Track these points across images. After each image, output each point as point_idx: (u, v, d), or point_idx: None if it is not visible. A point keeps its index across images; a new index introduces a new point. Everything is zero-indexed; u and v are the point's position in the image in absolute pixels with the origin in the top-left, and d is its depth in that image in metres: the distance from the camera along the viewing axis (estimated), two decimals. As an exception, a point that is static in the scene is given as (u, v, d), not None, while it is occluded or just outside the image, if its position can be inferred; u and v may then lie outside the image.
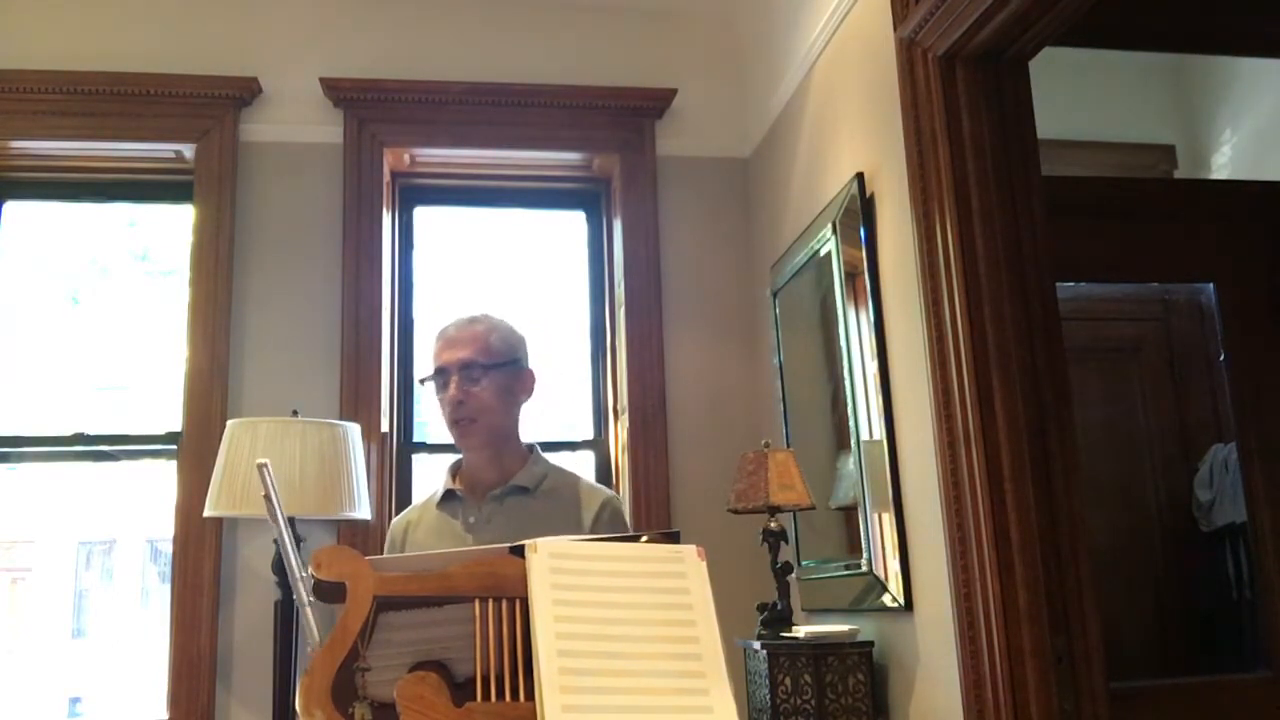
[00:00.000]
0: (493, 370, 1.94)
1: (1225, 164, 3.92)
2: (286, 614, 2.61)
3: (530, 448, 2.07)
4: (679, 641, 1.48)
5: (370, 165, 3.33)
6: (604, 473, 3.47)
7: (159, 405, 3.23)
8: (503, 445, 2.00)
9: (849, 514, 2.62)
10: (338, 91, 3.33)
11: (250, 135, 3.29)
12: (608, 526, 1.95)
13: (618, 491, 3.42)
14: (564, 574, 1.51)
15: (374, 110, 3.36)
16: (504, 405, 1.97)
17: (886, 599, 2.39)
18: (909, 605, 2.30)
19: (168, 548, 3.05)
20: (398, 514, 3.36)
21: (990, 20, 2.05)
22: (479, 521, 1.96)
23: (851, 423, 2.56)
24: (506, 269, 3.63)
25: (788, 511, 2.56)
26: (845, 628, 2.44)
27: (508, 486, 1.98)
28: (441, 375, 1.95)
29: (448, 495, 2.03)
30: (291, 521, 2.68)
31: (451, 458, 2.13)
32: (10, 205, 3.33)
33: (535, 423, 3.51)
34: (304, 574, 1.24)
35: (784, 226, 3.18)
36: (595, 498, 2.01)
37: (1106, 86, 3.87)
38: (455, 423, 1.94)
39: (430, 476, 3.41)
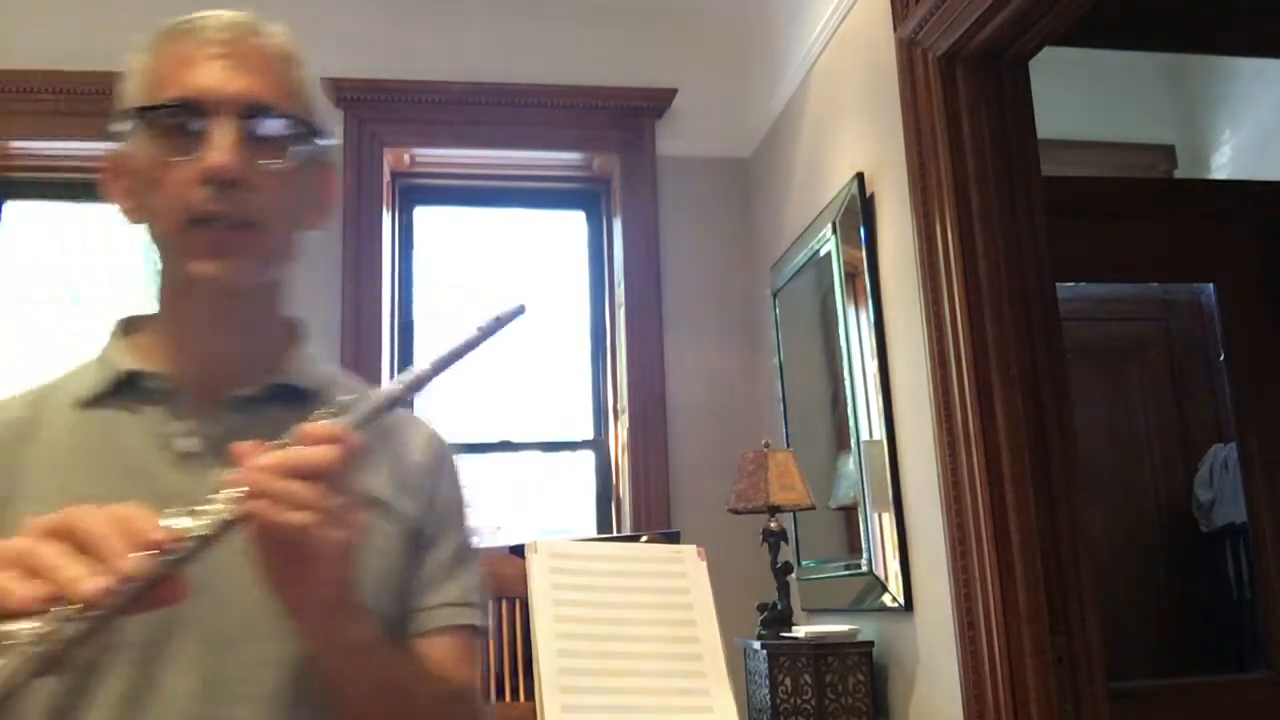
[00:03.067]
0: (306, 141, 0.94)
1: (1225, 164, 3.92)
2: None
3: (293, 321, 1.05)
4: (679, 641, 1.48)
5: (370, 165, 3.33)
6: (604, 473, 3.47)
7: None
8: (270, 298, 1.00)
9: (849, 514, 2.63)
10: (338, 91, 3.33)
11: (250, 135, 3.28)
12: (450, 484, 1.03)
13: (618, 495, 3.42)
14: (564, 574, 1.51)
15: (374, 110, 3.36)
16: (300, 219, 0.98)
17: (886, 599, 2.39)
18: (909, 605, 2.30)
19: (168, 548, 3.05)
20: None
21: (990, 20, 2.05)
22: (208, 449, 0.91)
23: (851, 423, 2.56)
24: (506, 269, 3.63)
25: (788, 511, 2.57)
26: (845, 628, 2.44)
27: (268, 386, 0.96)
28: (195, 113, 0.89)
29: (129, 383, 0.94)
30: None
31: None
32: (10, 205, 3.33)
33: (533, 422, 3.51)
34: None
35: (784, 226, 3.18)
36: (420, 431, 1.04)
37: (1106, 86, 3.87)
38: (210, 221, 0.88)
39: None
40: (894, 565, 2.35)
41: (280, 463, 0.75)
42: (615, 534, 3.28)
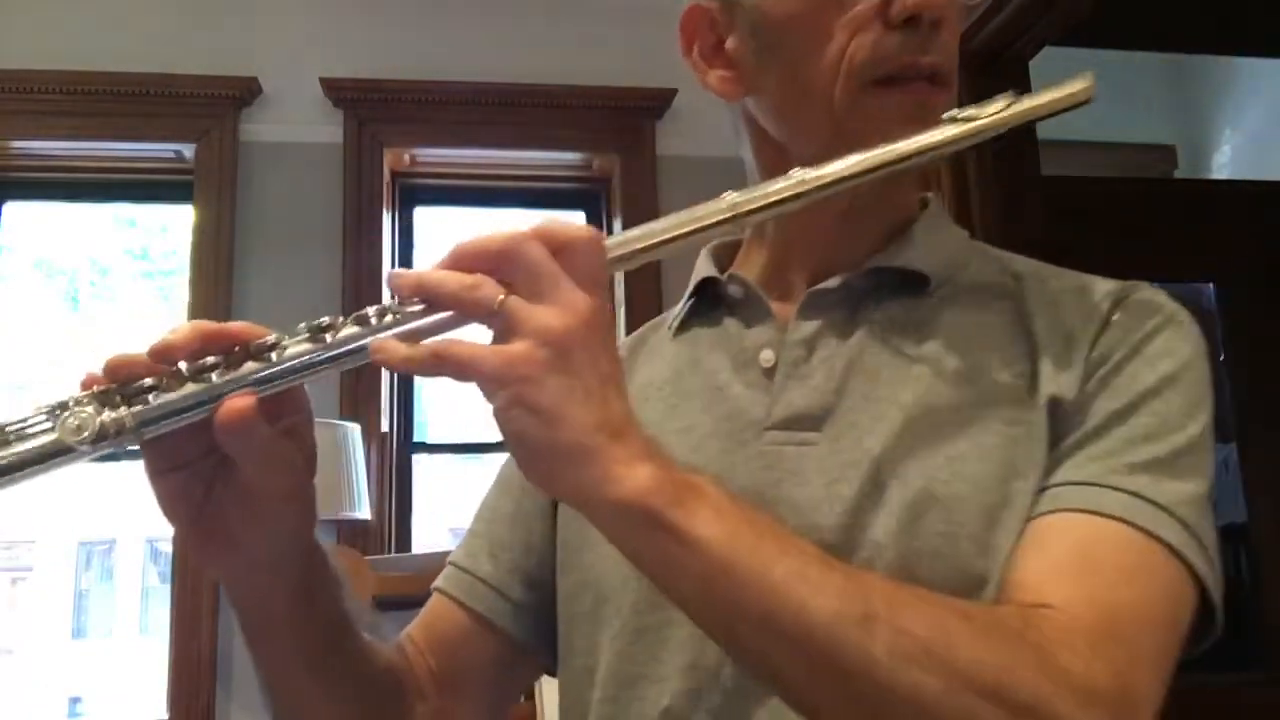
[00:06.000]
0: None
1: (1225, 164, 3.93)
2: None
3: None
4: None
5: (370, 165, 3.33)
6: (604, 473, 3.47)
7: (159, 405, 3.22)
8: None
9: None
10: (338, 91, 3.33)
11: (250, 135, 3.29)
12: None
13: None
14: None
15: (374, 110, 3.36)
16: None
17: (886, 599, 2.39)
18: (909, 605, 2.30)
19: (168, 548, 3.05)
20: (397, 512, 3.20)
21: (990, 20, 2.06)
22: (787, 359, 0.74)
23: (851, 423, 2.56)
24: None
25: (788, 511, 2.56)
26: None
27: (866, 271, 0.76)
28: None
29: (710, 295, 0.85)
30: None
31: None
32: (10, 205, 3.33)
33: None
34: None
35: (784, 226, 3.18)
36: (1101, 290, 0.77)
37: (1106, 86, 3.85)
38: (902, 78, 0.73)
39: (430, 478, 3.38)
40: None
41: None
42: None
